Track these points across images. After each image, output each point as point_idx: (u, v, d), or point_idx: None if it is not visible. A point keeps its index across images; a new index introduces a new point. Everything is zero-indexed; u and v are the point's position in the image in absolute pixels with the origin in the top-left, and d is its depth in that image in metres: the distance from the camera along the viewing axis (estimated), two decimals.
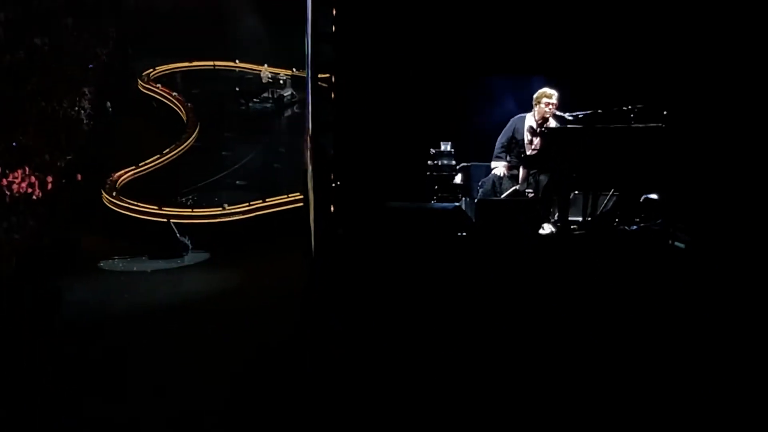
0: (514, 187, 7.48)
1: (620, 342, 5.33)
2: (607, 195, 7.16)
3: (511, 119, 7.70)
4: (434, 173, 7.94)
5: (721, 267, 5.98)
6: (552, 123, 7.50)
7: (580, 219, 7.12)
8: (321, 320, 5.84)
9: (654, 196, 7.15)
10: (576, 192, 7.31)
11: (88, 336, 6.54)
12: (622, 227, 7.00)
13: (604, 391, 4.91)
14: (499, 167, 7.62)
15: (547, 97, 7.50)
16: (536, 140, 7.30)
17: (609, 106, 7.03)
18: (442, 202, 7.67)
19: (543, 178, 7.26)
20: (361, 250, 6.42)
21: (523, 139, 7.60)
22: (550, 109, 7.47)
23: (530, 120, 7.65)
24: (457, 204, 7.48)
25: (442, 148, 8.02)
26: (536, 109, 7.56)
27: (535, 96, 7.57)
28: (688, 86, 7.64)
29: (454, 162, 7.98)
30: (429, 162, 8.00)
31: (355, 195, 7.55)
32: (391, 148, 8.31)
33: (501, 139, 7.70)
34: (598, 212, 7.06)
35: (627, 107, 6.92)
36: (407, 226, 6.61)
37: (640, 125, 6.68)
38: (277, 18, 10.10)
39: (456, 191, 7.82)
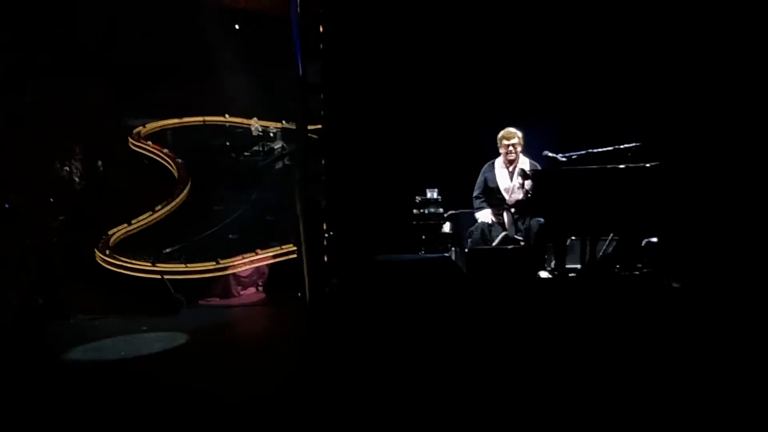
0: (504, 233, 7.18)
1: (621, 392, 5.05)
2: (606, 239, 6.90)
3: (482, 169, 7.48)
4: (421, 222, 7.66)
5: (717, 310, 5.71)
6: (526, 164, 7.28)
7: (578, 266, 6.86)
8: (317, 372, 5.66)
9: (655, 239, 6.92)
10: (572, 238, 7.07)
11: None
12: (623, 273, 6.74)
13: None
14: (484, 214, 7.34)
15: (506, 138, 7.26)
16: (527, 183, 7.07)
17: (604, 146, 6.85)
18: (431, 253, 7.45)
19: (534, 223, 7.01)
20: (353, 305, 6.24)
21: (497, 187, 7.35)
22: (510, 150, 7.26)
23: (499, 165, 7.44)
24: (446, 254, 7.25)
25: (429, 195, 7.75)
26: (501, 152, 7.36)
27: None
28: (687, 123, 7.47)
29: (441, 210, 7.71)
30: (415, 210, 7.73)
31: (345, 246, 7.40)
32: (379, 196, 8.16)
33: (476, 192, 7.46)
34: (597, 258, 6.80)
35: (623, 146, 6.73)
36: (396, 281, 6.38)
37: (639, 165, 6.43)
38: (266, 71, 10.06)
39: (445, 241, 7.53)
